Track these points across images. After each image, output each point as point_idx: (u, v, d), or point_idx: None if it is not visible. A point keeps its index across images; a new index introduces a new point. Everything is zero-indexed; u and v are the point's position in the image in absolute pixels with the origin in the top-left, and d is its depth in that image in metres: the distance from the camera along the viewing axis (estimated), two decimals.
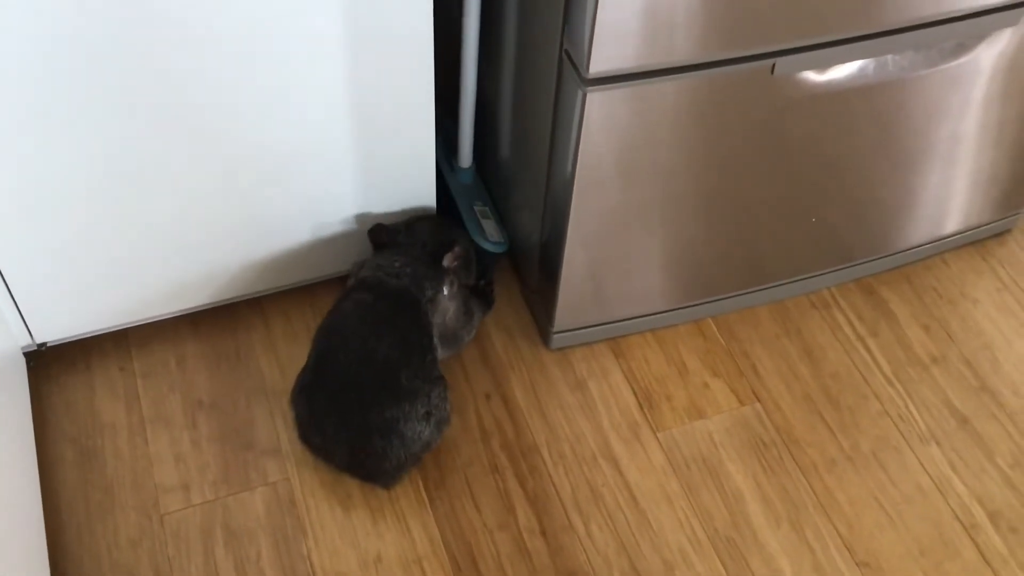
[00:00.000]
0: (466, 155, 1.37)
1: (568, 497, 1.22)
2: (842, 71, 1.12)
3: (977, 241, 1.49)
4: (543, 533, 1.19)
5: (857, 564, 1.18)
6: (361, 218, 1.28)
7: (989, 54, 1.19)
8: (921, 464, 1.26)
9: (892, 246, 1.42)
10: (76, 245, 1.17)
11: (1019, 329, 1.40)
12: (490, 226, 1.36)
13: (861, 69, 1.13)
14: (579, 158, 1.09)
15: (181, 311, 1.32)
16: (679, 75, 1.04)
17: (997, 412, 1.31)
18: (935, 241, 1.45)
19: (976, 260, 1.47)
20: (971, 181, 1.38)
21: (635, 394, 1.31)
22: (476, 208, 1.37)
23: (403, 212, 1.30)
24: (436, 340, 1.18)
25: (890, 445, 1.28)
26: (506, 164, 1.33)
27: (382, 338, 1.15)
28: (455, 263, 1.21)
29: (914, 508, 1.23)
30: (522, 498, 1.22)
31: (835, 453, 1.27)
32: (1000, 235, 1.50)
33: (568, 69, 1.04)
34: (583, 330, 1.33)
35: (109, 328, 1.30)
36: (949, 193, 1.38)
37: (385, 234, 1.24)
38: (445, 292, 1.20)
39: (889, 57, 1.13)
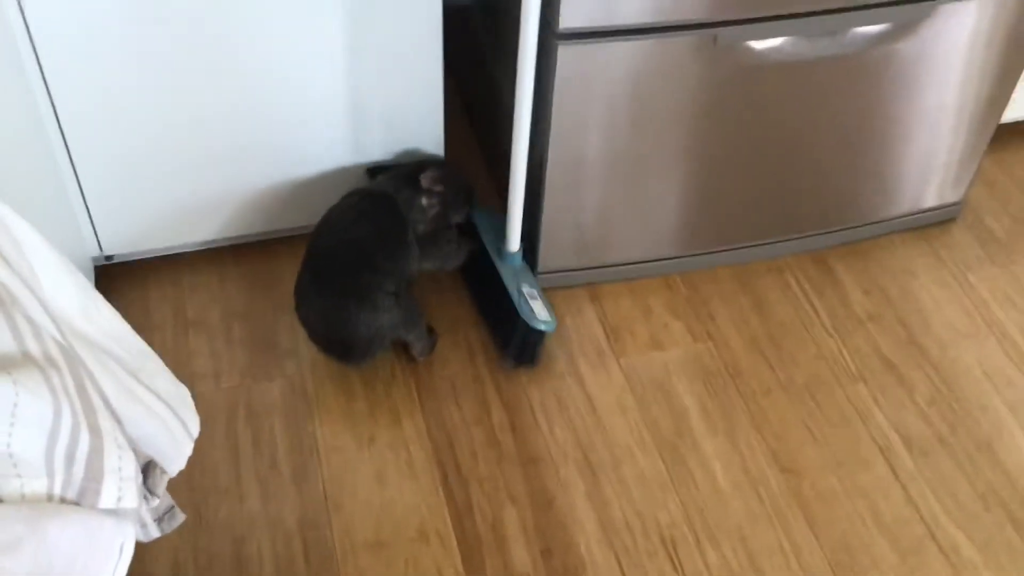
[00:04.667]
0: (514, 240, 1.48)
1: (537, 404, 1.43)
2: (783, 46, 1.34)
3: (924, 226, 1.68)
4: (512, 429, 1.40)
5: (780, 470, 1.36)
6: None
7: (925, 38, 1.40)
8: (847, 397, 1.45)
9: (842, 221, 1.62)
10: (143, 166, 1.43)
11: (951, 299, 1.58)
12: (538, 307, 1.46)
13: (799, 45, 1.35)
14: (553, 107, 1.33)
15: (227, 239, 1.57)
16: (635, 37, 1.28)
17: (921, 362, 1.50)
18: (884, 221, 1.65)
19: (920, 243, 1.67)
20: (915, 165, 1.58)
21: (604, 328, 1.52)
22: (525, 291, 1.47)
23: (414, 156, 1.54)
24: (411, 237, 1.40)
25: (821, 381, 1.47)
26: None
27: (362, 226, 1.39)
28: (431, 183, 1.42)
29: (836, 430, 1.41)
30: (498, 402, 1.43)
31: (772, 384, 1.46)
32: (944, 223, 1.69)
33: (545, 30, 1.28)
34: (563, 273, 1.55)
35: (168, 249, 1.56)
36: (895, 175, 1.59)
37: (381, 169, 1.48)
38: (423, 202, 1.42)
39: (829, 36, 1.36)
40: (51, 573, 0.50)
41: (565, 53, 1.27)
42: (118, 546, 0.57)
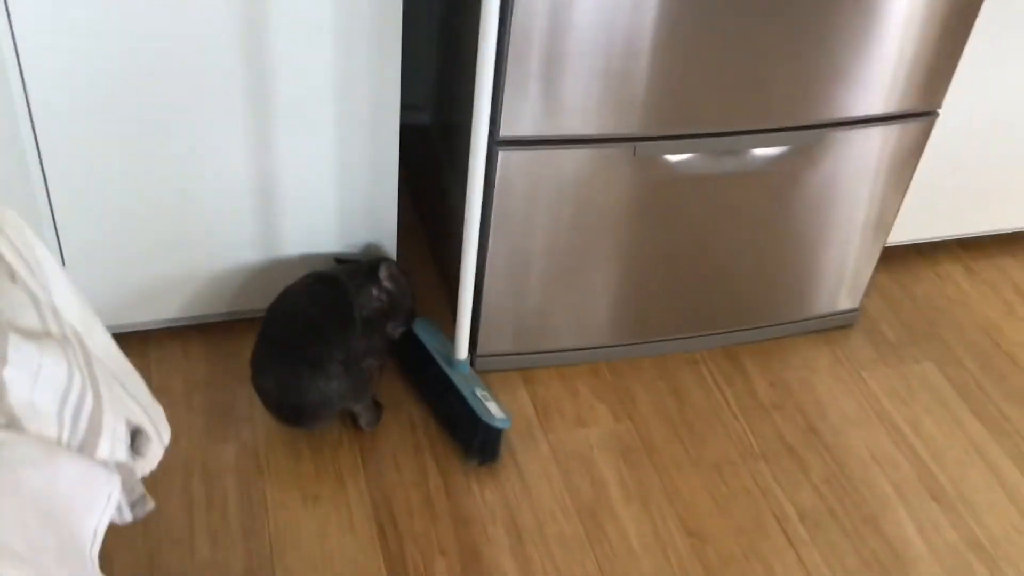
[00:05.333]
0: (463, 349, 1.62)
1: (471, 471, 1.57)
2: (692, 160, 1.55)
3: (825, 329, 1.88)
4: (447, 492, 1.53)
5: (688, 534, 1.51)
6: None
7: (820, 162, 1.62)
8: (750, 473, 1.61)
9: (752, 321, 1.81)
10: (121, 242, 1.58)
11: (846, 393, 1.76)
12: (493, 407, 1.59)
13: (707, 161, 1.56)
14: (494, 204, 1.51)
15: (192, 318, 1.72)
16: (563, 147, 1.48)
17: (817, 445, 1.66)
18: (789, 323, 1.84)
19: (821, 344, 1.86)
20: (815, 274, 1.78)
21: (534, 407, 1.67)
22: (479, 393, 1.60)
23: (373, 253, 1.71)
24: (357, 315, 1.55)
25: (728, 459, 1.62)
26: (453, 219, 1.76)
27: (313, 302, 1.54)
28: (387, 278, 1.58)
29: (739, 502, 1.56)
30: (435, 469, 1.57)
31: (683, 460, 1.61)
32: (843, 327, 1.89)
33: (489, 138, 1.48)
34: (500, 357, 1.71)
35: (137, 325, 1.70)
36: (798, 282, 1.78)
37: (345, 260, 1.65)
38: (374, 292, 1.58)
39: (733, 155, 1.57)
40: (55, 496, 0.64)
41: (504, 157, 1.47)
42: (107, 494, 0.70)
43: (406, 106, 1.77)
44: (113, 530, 1.21)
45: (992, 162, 1.89)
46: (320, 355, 1.51)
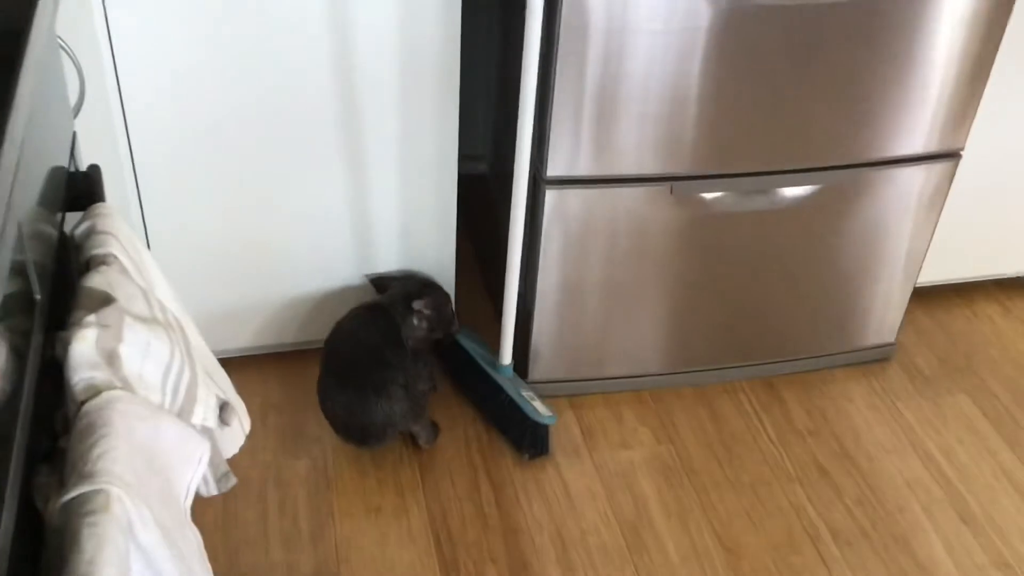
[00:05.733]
0: (507, 355, 1.77)
1: (520, 486, 1.68)
2: (725, 199, 1.67)
3: (862, 363, 1.96)
4: (497, 505, 1.65)
5: (724, 549, 1.60)
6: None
7: (850, 200, 1.73)
8: (785, 494, 1.69)
9: (790, 353, 1.90)
10: (208, 272, 1.75)
11: (881, 422, 1.84)
12: (539, 405, 1.74)
13: (739, 199, 1.68)
14: (542, 239, 1.65)
15: (267, 347, 1.88)
16: (605, 186, 1.61)
17: (851, 470, 1.74)
18: (826, 356, 1.93)
19: (858, 376, 1.94)
20: (851, 309, 1.88)
21: (580, 430, 1.79)
22: (524, 394, 1.75)
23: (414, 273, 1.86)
24: (405, 339, 1.69)
25: (763, 481, 1.71)
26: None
27: (368, 331, 1.68)
28: (423, 307, 1.72)
29: (773, 520, 1.65)
30: (487, 483, 1.69)
31: (721, 480, 1.71)
32: (880, 361, 1.97)
33: (536, 178, 1.62)
34: (549, 384, 1.83)
35: (221, 352, 1.86)
36: (835, 316, 1.88)
37: (381, 280, 1.80)
38: (415, 322, 1.72)
39: (762, 193, 1.68)
40: (158, 449, 0.78)
41: (551, 195, 1.61)
42: (199, 456, 0.84)
43: (466, 156, 1.93)
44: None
45: (1022, 203, 1.97)
46: (383, 380, 1.65)
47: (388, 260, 1.81)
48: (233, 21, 1.51)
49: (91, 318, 0.79)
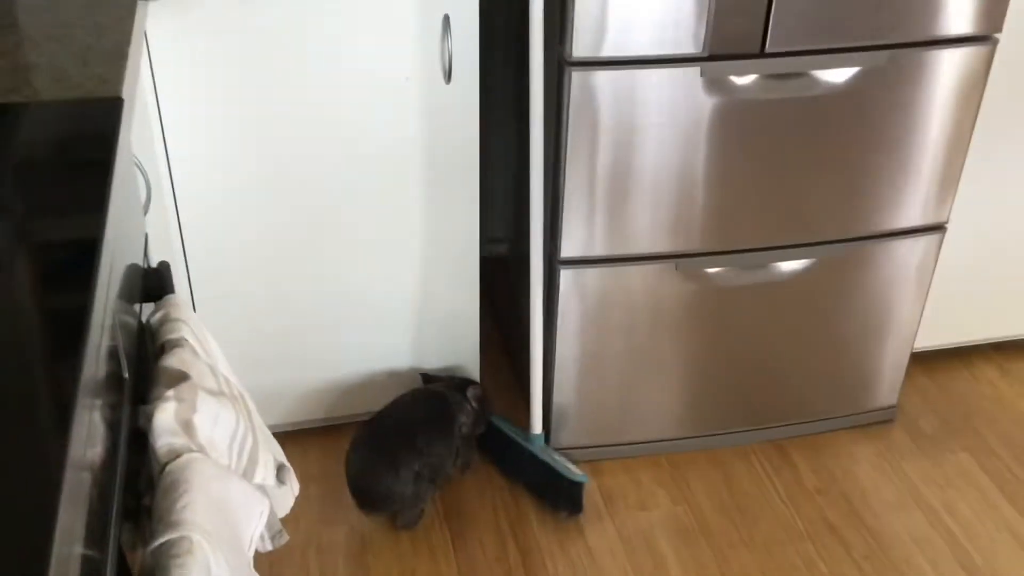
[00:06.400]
0: (537, 425, 1.90)
1: (546, 550, 1.79)
2: (726, 274, 1.81)
3: (866, 424, 2.07)
4: (524, 567, 1.76)
5: None
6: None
7: (844, 273, 1.86)
8: (797, 552, 1.79)
9: (798, 417, 2.01)
10: (251, 353, 1.90)
11: (886, 481, 1.94)
12: (572, 468, 1.86)
13: (740, 274, 1.81)
14: (557, 317, 1.79)
15: (307, 421, 2.01)
16: (614, 265, 1.75)
17: (860, 527, 1.84)
18: (832, 419, 2.04)
19: (863, 437, 2.05)
20: (850, 374, 1.99)
21: (601, 494, 1.90)
22: (556, 457, 1.89)
23: (457, 371, 1.99)
24: (457, 433, 1.81)
25: (776, 539, 1.81)
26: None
27: (416, 412, 1.82)
28: (475, 398, 1.86)
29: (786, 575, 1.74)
30: (514, 548, 1.80)
31: (735, 540, 1.81)
32: (884, 422, 2.08)
33: (552, 259, 1.76)
34: (570, 450, 1.94)
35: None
36: (837, 381, 1.99)
37: (429, 376, 1.94)
38: (469, 407, 1.85)
39: (760, 268, 1.82)
40: (227, 504, 0.90)
41: (565, 275, 1.75)
42: (260, 510, 0.96)
43: (490, 240, 2.08)
44: None
45: (1013, 270, 2.09)
46: (400, 460, 1.76)
47: (422, 344, 1.95)
48: (274, 131, 1.68)
49: (170, 393, 0.93)
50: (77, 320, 0.76)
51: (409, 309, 1.92)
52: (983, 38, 1.68)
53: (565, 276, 1.75)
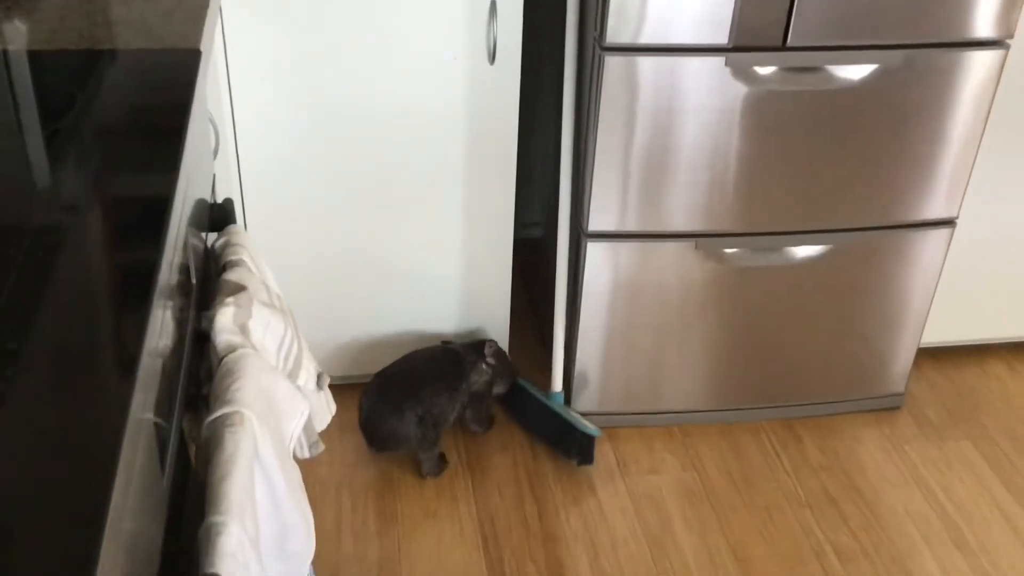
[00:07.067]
0: (558, 383, 2.07)
1: (560, 501, 1.92)
2: (742, 254, 1.92)
3: (874, 410, 2.17)
4: (539, 516, 1.89)
5: (737, 560, 1.81)
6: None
7: (855, 262, 1.97)
8: (796, 517, 1.90)
9: (808, 398, 2.12)
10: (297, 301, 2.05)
11: (888, 461, 2.04)
12: (587, 422, 2.04)
13: (756, 256, 1.93)
14: (582, 289, 1.92)
15: (342, 378, 2.16)
16: (639, 240, 1.88)
17: (857, 499, 1.95)
18: (841, 402, 2.14)
19: (870, 420, 2.15)
20: (860, 359, 2.10)
21: (615, 457, 2.03)
22: (573, 413, 2.05)
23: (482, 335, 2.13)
24: (464, 389, 1.95)
25: (777, 505, 1.93)
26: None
27: (427, 365, 1.95)
28: (491, 356, 1.99)
29: (784, 539, 1.86)
30: (531, 497, 1.93)
31: (738, 504, 1.93)
32: (892, 409, 2.18)
33: (579, 232, 1.90)
34: (590, 416, 2.07)
35: None
36: (848, 364, 2.10)
37: (452, 344, 2.07)
38: (484, 366, 1.99)
39: (775, 251, 1.93)
40: (274, 396, 1.05)
41: (593, 248, 1.88)
42: (301, 410, 1.10)
43: (527, 224, 2.22)
44: None
45: None
46: (404, 404, 1.91)
47: (455, 313, 2.09)
48: (329, 98, 1.83)
49: (230, 299, 1.07)
50: (155, 234, 0.91)
51: (445, 277, 2.06)
52: (996, 42, 1.79)
53: (592, 249, 1.89)
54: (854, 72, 1.77)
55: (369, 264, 2.02)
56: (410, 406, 1.91)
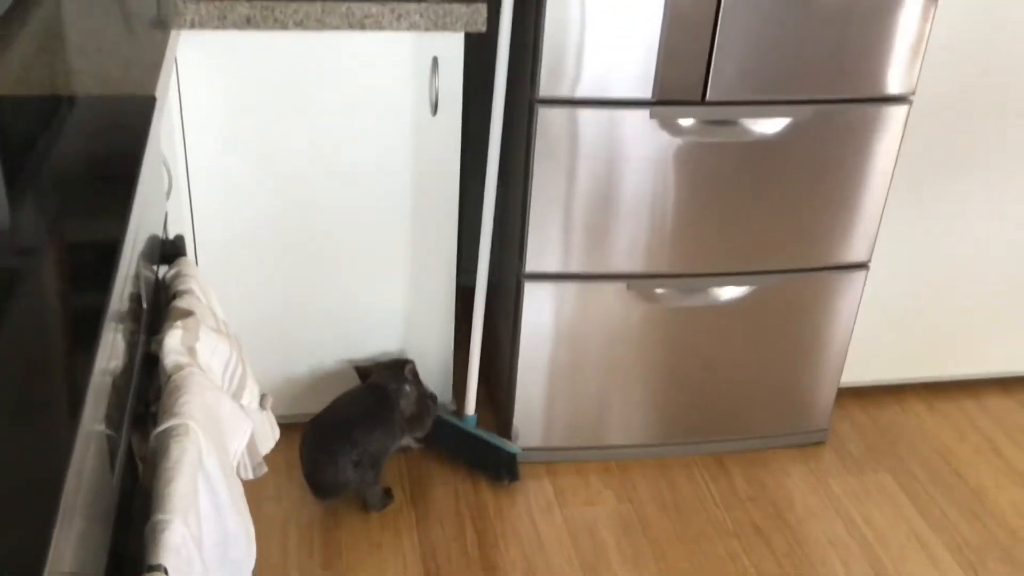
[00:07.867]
0: (471, 407, 2.17)
1: (499, 533, 2.00)
2: (672, 295, 2.04)
3: (799, 445, 2.28)
4: (479, 547, 1.96)
5: None
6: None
7: (778, 303, 2.09)
8: (724, 546, 1.99)
9: (737, 433, 2.23)
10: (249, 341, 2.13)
11: (812, 492, 2.15)
12: (504, 440, 2.15)
13: (683, 296, 2.04)
14: (521, 329, 2.02)
15: (292, 417, 2.23)
16: (572, 281, 1.99)
17: (783, 529, 2.04)
18: (767, 437, 2.25)
19: (795, 455, 2.26)
20: (783, 396, 2.21)
21: (553, 489, 2.11)
22: (491, 435, 2.16)
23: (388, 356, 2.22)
24: (398, 421, 2.03)
25: (706, 535, 2.02)
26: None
27: (354, 408, 2.01)
28: (411, 375, 2.07)
29: (712, 566, 1.95)
30: (472, 530, 2.00)
31: (671, 534, 2.02)
32: (816, 444, 2.29)
33: (519, 274, 2.00)
34: (528, 451, 2.16)
35: None
36: (769, 403, 2.21)
37: (366, 368, 2.15)
38: (407, 389, 2.07)
39: (700, 292, 2.05)
40: (219, 415, 1.13)
41: (531, 288, 1.99)
42: (244, 428, 1.18)
43: (469, 271, 2.32)
44: None
45: (942, 314, 2.32)
46: (337, 452, 1.97)
47: (392, 355, 2.18)
48: (279, 146, 1.94)
49: (178, 323, 1.16)
50: (107, 265, 1.00)
51: (389, 322, 2.15)
52: (900, 97, 1.94)
53: (530, 289, 1.99)
54: (769, 126, 1.91)
55: (313, 305, 2.11)
56: (344, 452, 1.97)
